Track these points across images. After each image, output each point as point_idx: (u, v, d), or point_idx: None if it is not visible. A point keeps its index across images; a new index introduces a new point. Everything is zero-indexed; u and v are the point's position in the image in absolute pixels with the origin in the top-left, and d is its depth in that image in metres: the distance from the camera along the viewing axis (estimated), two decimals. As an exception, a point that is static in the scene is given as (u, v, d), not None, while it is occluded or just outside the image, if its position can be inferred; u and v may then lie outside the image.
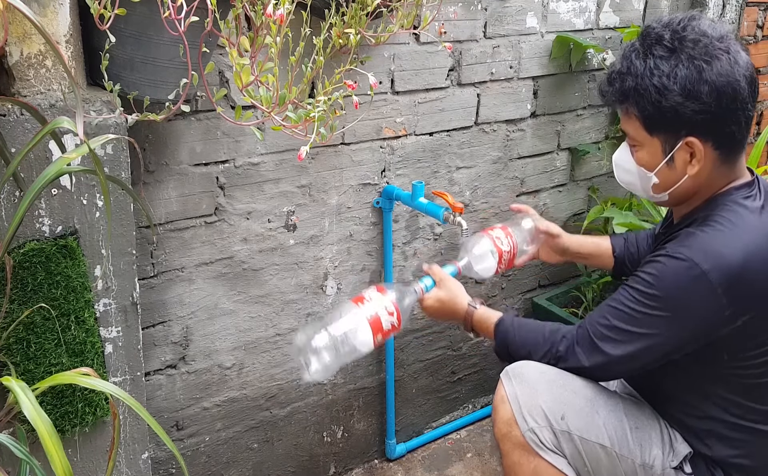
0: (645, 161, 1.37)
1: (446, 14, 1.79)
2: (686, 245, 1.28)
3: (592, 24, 2.15)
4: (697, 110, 1.26)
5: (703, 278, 1.23)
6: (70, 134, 1.18)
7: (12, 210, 1.16)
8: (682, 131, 1.30)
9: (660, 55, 1.29)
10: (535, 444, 1.37)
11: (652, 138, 1.33)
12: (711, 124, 1.28)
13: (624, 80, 1.33)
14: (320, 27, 1.33)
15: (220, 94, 1.21)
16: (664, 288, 1.27)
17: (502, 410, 1.41)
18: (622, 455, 1.37)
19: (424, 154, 1.91)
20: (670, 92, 1.27)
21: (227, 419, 1.75)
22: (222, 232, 1.62)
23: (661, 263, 1.29)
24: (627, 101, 1.34)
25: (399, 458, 2.07)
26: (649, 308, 1.29)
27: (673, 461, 1.38)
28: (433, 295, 1.53)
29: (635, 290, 1.31)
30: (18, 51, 1.14)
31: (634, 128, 1.35)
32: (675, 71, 1.27)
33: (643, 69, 1.30)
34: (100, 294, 1.29)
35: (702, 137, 1.29)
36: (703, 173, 1.33)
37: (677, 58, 1.28)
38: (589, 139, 2.26)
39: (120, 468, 1.37)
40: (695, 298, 1.25)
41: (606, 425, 1.37)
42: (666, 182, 1.36)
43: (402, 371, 2.06)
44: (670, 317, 1.27)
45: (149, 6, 1.12)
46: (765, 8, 2.55)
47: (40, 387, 0.98)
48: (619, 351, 1.32)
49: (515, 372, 1.42)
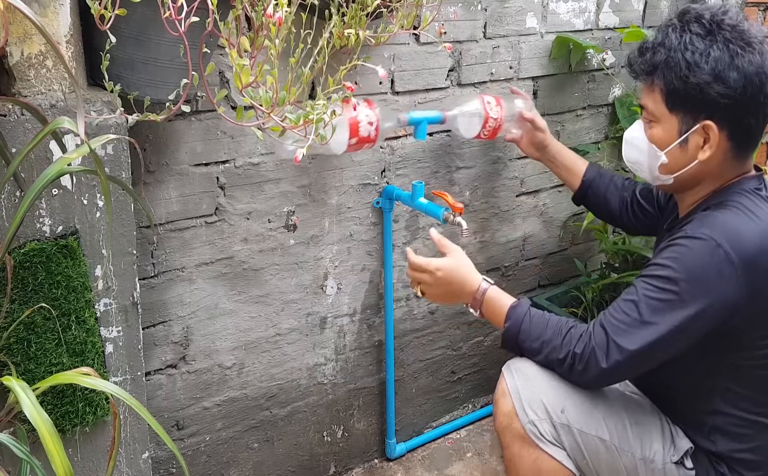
0: (658, 137, 1.37)
1: (446, 14, 1.79)
2: (706, 225, 1.28)
3: (592, 24, 2.15)
4: (722, 94, 1.28)
5: (725, 257, 1.24)
6: (70, 134, 1.18)
7: (12, 210, 1.17)
8: (702, 112, 1.31)
9: (697, 32, 1.31)
10: (535, 436, 1.37)
11: (671, 115, 1.34)
12: (732, 111, 1.30)
13: (656, 52, 1.35)
14: (321, 27, 1.33)
15: (221, 94, 1.22)
16: (686, 269, 1.26)
17: (503, 403, 1.41)
18: (622, 449, 1.38)
19: (424, 154, 1.91)
20: (699, 70, 1.29)
21: (227, 418, 1.75)
22: (222, 232, 1.62)
23: (682, 245, 1.28)
24: (655, 72, 1.35)
25: (399, 457, 2.08)
26: (669, 294, 1.27)
27: (674, 456, 1.38)
28: (443, 263, 1.49)
29: (654, 277, 1.30)
30: (18, 51, 1.14)
31: (655, 102, 1.36)
32: (709, 50, 1.29)
33: (678, 43, 1.32)
34: (100, 294, 1.29)
35: (720, 122, 1.31)
36: (712, 162, 1.34)
37: (713, 39, 1.30)
38: (588, 139, 2.26)
39: (120, 468, 1.37)
40: (717, 276, 1.25)
41: (606, 419, 1.38)
42: (675, 163, 1.37)
43: (402, 370, 2.06)
44: (692, 299, 1.26)
45: (150, 6, 1.12)
46: (765, 8, 2.55)
47: (41, 386, 0.99)
48: (637, 345, 1.29)
49: (516, 366, 1.43)
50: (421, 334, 2.07)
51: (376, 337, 1.97)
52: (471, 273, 1.49)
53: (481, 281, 1.48)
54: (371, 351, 1.98)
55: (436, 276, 1.49)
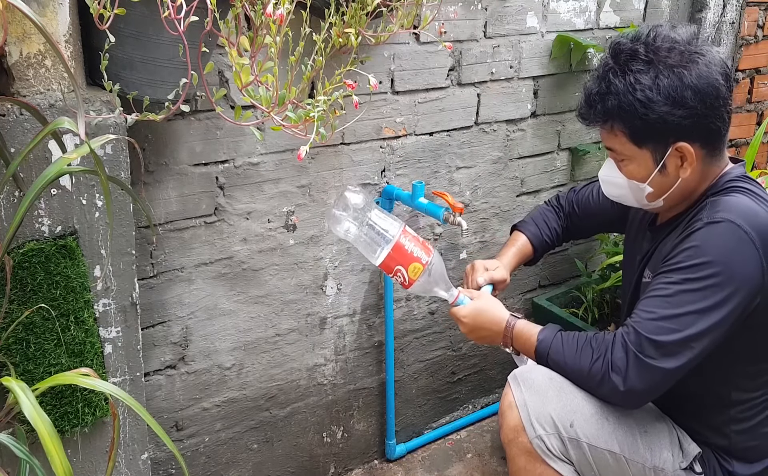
0: (636, 173, 1.38)
1: (446, 14, 1.79)
2: (720, 210, 1.29)
3: (593, 24, 2.14)
4: (684, 115, 1.29)
5: (746, 237, 1.26)
6: (69, 134, 1.18)
7: (12, 210, 1.16)
8: (670, 138, 1.32)
9: (638, 69, 1.31)
10: (542, 451, 1.36)
11: (641, 150, 1.35)
12: (698, 126, 1.31)
13: (606, 100, 1.34)
14: (320, 27, 1.33)
15: (220, 94, 1.21)
16: (712, 254, 1.26)
17: (509, 416, 1.39)
18: (632, 459, 1.37)
19: (424, 154, 1.90)
20: (655, 104, 1.29)
21: (227, 419, 1.75)
22: (222, 232, 1.62)
23: (702, 232, 1.28)
24: (611, 120, 1.35)
25: (399, 458, 2.07)
26: (703, 281, 1.26)
27: (683, 462, 1.38)
28: (471, 306, 1.49)
29: (682, 269, 1.28)
30: (17, 51, 1.14)
31: (621, 144, 1.37)
32: (657, 82, 1.29)
33: (624, 86, 1.31)
34: (99, 294, 1.28)
35: (690, 140, 1.32)
36: (695, 173, 1.35)
37: (656, 69, 1.30)
38: (589, 139, 2.26)
39: (120, 469, 1.37)
40: (741, 255, 1.26)
41: (616, 431, 1.36)
42: (660, 188, 1.38)
43: (402, 371, 2.05)
44: (725, 281, 1.25)
45: (149, 6, 1.11)
46: (765, 8, 2.55)
47: (40, 387, 0.98)
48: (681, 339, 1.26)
49: (524, 377, 1.41)
50: (421, 334, 2.07)
51: (375, 337, 1.97)
52: (496, 313, 1.48)
53: (508, 317, 1.47)
54: (371, 352, 1.98)
55: (465, 324, 1.50)
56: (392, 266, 1.47)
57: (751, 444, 1.40)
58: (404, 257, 1.46)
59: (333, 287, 1.84)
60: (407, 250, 1.46)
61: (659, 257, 1.40)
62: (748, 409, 1.39)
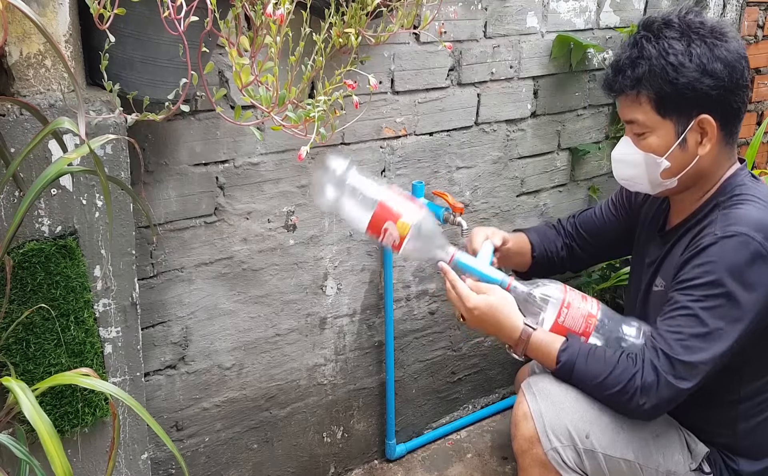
0: (655, 145, 1.37)
1: (446, 14, 1.79)
2: (731, 222, 1.30)
3: (593, 24, 2.14)
4: (711, 86, 1.31)
5: (761, 249, 1.27)
6: (69, 134, 1.18)
7: (12, 210, 1.16)
8: (694, 109, 1.34)
9: (672, 36, 1.34)
10: (557, 463, 1.35)
11: (664, 120, 1.36)
12: (722, 99, 1.33)
13: (636, 66, 1.35)
14: (320, 27, 1.33)
15: (220, 94, 1.21)
16: (728, 268, 1.27)
17: (524, 426, 1.38)
18: (646, 466, 1.37)
19: (424, 154, 1.90)
20: (686, 69, 1.31)
21: (227, 419, 1.75)
22: (222, 232, 1.62)
23: (716, 248, 1.29)
24: (639, 85, 1.35)
25: (399, 458, 2.07)
26: (722, 298, 1.27)
27: (692, 463, 1.38)
28: (483, 299, 1.40)
29: (699, 287, 1.29)
30: (17, 51, 1.14)
31: (644, 113, 1.37)
32: (689, 49, 1.32)
33: (657, 51, 1.34)
34: (99, 294, 1.28)
35: (713, 113, 1.33)
36: (711, 154, 1.36)
37: (689, 38, 1.33)
38: (589, 139, 2.26)
39: (120, 469, 1.37)
40: (756, 267, 1.27)
41: (631, 439, 1.36)
42: (677, 165, 1.38)
43: (402, 371, 2.05)
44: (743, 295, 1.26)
45: (149, 6, 1.11)
46: (765, 8, 2.55)
47: (40, 387, 0.98)
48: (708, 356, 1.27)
49: (539, 387, 1.40)
50: (421, 334, 2.07)
51: (375, 337, 1.97)
52: (510, 317, 1.40)
53: (523, 327, 1.40)
54: (371, 352, 1.97)
55: (472, 314, 1.42)
56: (380, 225, 1.38)
57: (757, 440, 1.40)
58: (391, 213, 1.37)
59: (333, 287, 1.84)
60: (395, 204, 1.39)
61: (671, 265, 1.40)
62: (756, 405, 1.39)
